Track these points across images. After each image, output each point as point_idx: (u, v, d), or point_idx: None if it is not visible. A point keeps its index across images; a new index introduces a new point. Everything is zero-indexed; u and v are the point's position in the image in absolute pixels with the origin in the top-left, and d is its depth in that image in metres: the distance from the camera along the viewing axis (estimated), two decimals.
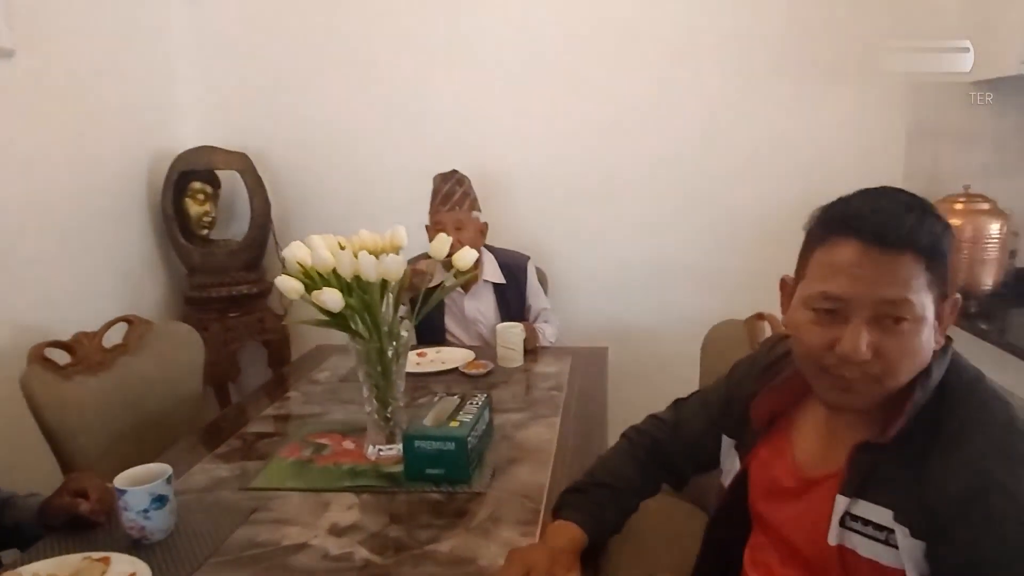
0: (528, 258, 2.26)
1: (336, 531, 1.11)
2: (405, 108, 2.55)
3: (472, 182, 2.21)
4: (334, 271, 1.20)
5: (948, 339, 0.83)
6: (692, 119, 2.45)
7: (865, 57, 2.31)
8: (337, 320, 1.23)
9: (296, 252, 1.22)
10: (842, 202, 0.82)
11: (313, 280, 1.22)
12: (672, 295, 2.55)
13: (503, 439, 1.45)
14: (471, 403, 1.37)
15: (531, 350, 2.01)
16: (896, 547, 0.77)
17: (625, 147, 2.50)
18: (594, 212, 2.56)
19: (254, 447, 1.45)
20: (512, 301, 2.19)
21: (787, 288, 0.90)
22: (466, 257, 1.36)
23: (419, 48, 2.50)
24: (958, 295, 0.83)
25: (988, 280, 2.12)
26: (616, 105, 2.47)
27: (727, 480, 1.02)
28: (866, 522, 0.80)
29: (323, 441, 1.44)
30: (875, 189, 0.82)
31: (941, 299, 0.79)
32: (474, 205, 2.15)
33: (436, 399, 1.41)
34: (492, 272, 2.19)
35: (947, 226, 0.79)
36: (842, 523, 0.82)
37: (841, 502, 0.82)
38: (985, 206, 2.11)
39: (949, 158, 2.29)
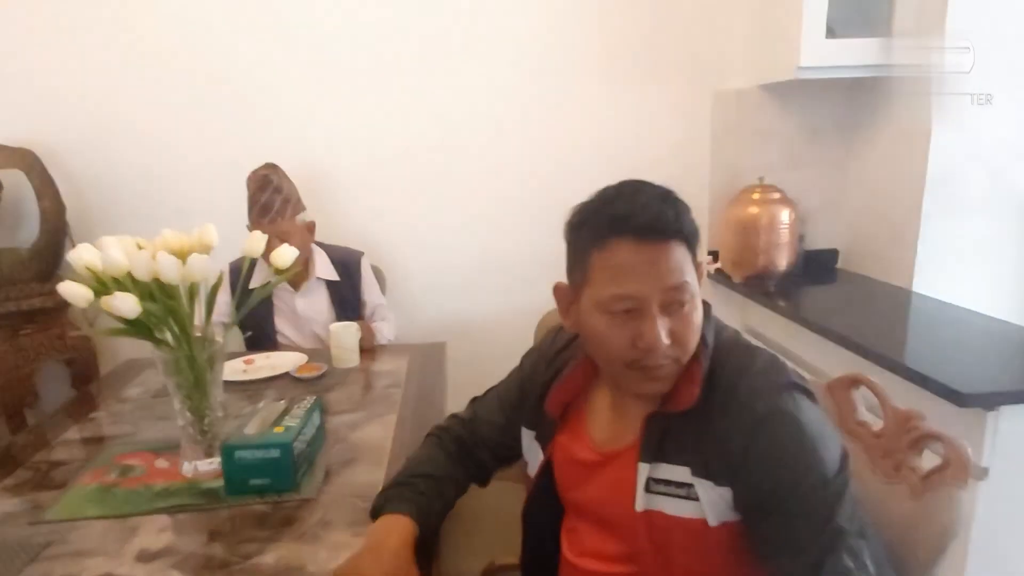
0: (362, 254, 2.21)
1: (145, 557, 1.01)
2: (230, 100, 2.38)
3: (301, 178, 2.12)
4: (130, 275, 1.09)
5: (707, 304, 0.90)
6: (518, 119, 2.51)
7: (673, 63, 2.50)
8: (137, 328, 1.12)
9: (83, 255, 1.10)
10: (604, 204, 0.85)
11: (106, 286, 1.10)
12: (508, 287, 2.61)
13: (337, 442, 1.40)
14: (298, 407, 1.31)
15: (368, 349, 1.97)
16: (698, 499, 0.83)
17: (457, 145, 2.51)
18: (430, 209, 2.55)
19: (50, 476, 1.28)
20: (347, 298, 2.13)
21: (565, 294, 0.92)
22: (283, 255, 1.30)
23: (240, 37, 2.35)
24: (700, 260, 0.88)
25: (783, 262, 2.38)
26: (448, 104, 2.47)
27: (533, 470, 1.04)
28: (668, 483, 0.85)
29: (132, 462, 1.31)
30: (627, 186, 0.87)
31: (697, 270, 0.86)
32: (297, 209, 2.05)
33: (260, 406, 1.33)
34: (324, 269, 2.12)
35: (685, 204, 0.86)
36: (647, 488, 0.87)
37: (643, 469, 0.87)
38: (777, 195, 2.36)
39: (747, 154, 2.54)
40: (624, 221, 0.81)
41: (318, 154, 2.44)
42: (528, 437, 1.05)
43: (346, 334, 1.83)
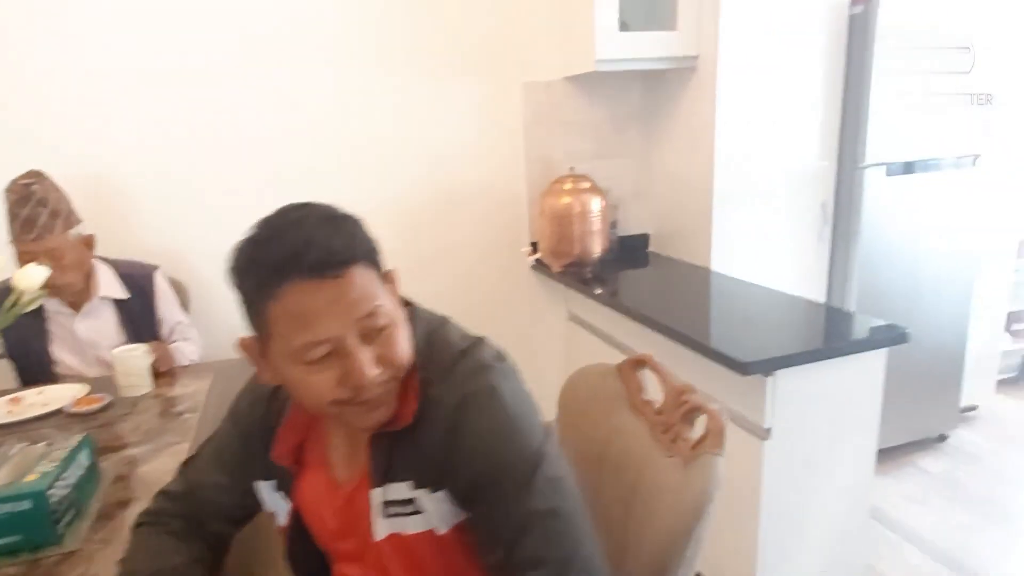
0: (156, 268, 2.01)
1: None
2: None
3: (81, 186, 1.88)
4: None
5: (410, 306, 0.88)
6: (328, 118, 2.39)
7: (481, 56, 2.50)
8: None
9: None
10: (266, 245, 0.75)
11: None
12: None
13: (117, 480, 1.25)
14: (59, 448, 1.15)
15: (166, 372, 1.79)
16: (423, 512, 0.81)
17: (263, 146, 2.36)
18: (237, 214, 2.36)
19: None
20: (139, 317, 1.92)
21: (252, 349, 0.82)
22: (31, 276, 1.13)
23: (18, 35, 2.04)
24: (392, 269, 0.84)
25: (597, 249, 2.48)
26: (250, 103, 2.31)
27: (282, 521, 0.95)
28: (399, 502, 0.82)
29: None
30: (287, 218, 0.76)
31: (387, 282, 0.81)
32: (69, 223, 1.81)
33: (12, 452, 1.16)
34: (110, 286, 1.90)
35: (355, 219, 0.79)
36: (384, 514, 0.83)
37: (376, 495, 0.83)
38: (587, 185, 2.45)
39: (559, 144, 2.62)
40: (292, 263, 0.72)
41: (105, 159, 2.18)
42: (267, 489, 0.94)
43: (131, 358, 1.65)
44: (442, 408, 0.79)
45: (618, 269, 2.54)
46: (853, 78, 2.34)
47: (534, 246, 2.63)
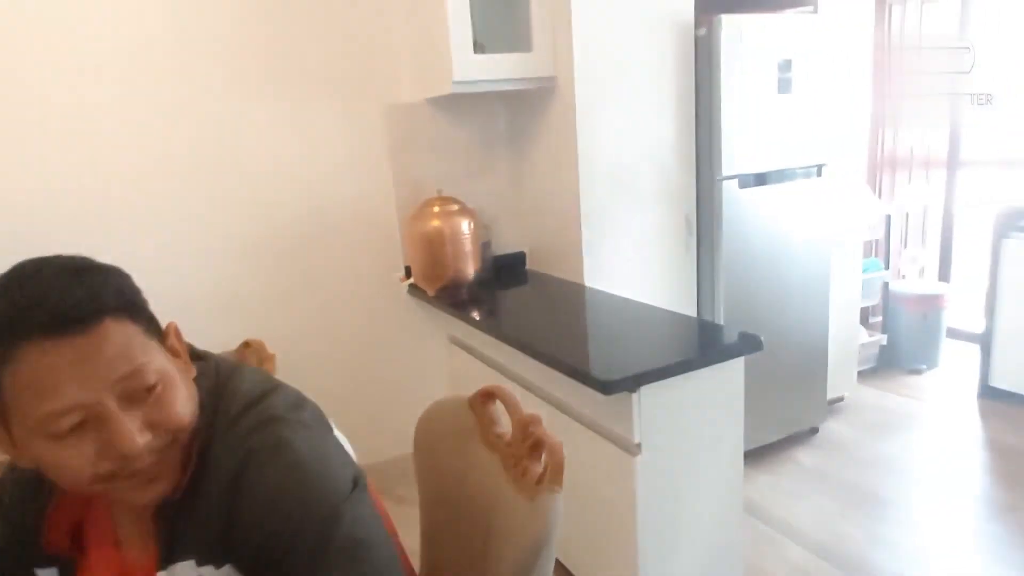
0: None
1: None
2: None
3: None
4: None
5: (201, 357, 0.80)
6: (190, 141, 2.25)
7: (343, 79, 2.43)
8: None
9: None
10: None
11: None
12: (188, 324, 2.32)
13: None
14: None
15: None
16: None
17: (118, 175, 2.17)
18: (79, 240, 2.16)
19: None
20: None
21: None
22: None
23: None
24: (171, 322, 0.77)
25: (470, 271, 2.44)
26: (103, 128, 2.12)
27: None
28: None
29: None
30: (20, 274, 0.67)
31: (162, 337, 0.73)
32: None
33: None
34: None
35: (109, 269, 0.71)
36: None
37: None
38: (456, 207, 2.42)
39: (426, 167, 2.57)
40: (24, 321, 0.63)
41: None
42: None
43: None
44: (222, 469, 0.70)
45: (494, 289, 2.51)
46: (703, 95, 2.44)
47: (407, 270, 2.56)
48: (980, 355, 3.27)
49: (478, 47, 2.23)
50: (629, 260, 2.45)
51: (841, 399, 3.28)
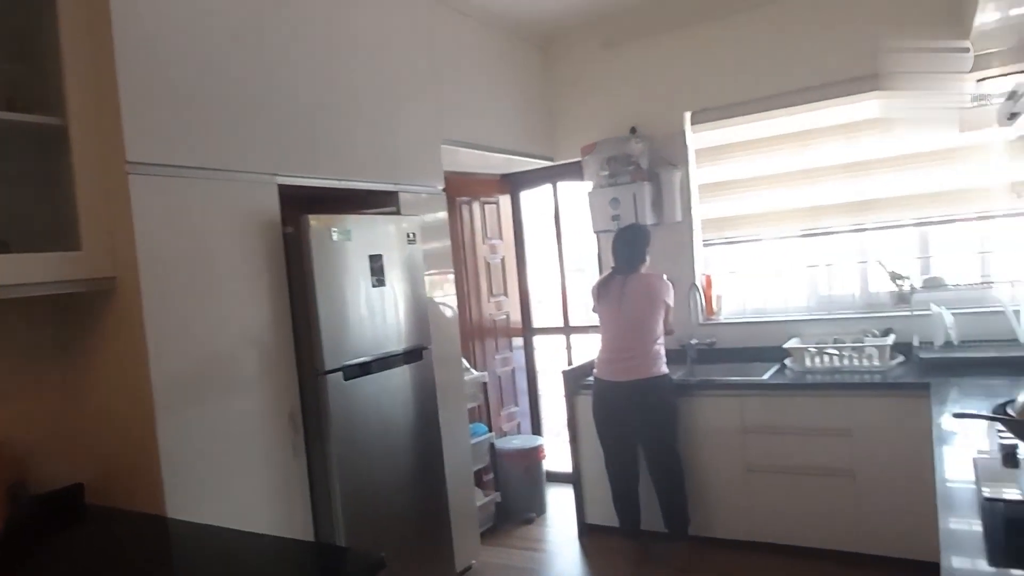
0: None
1: None
2: None
3: None
4: None
5: None
6: None
7: None
8: None
9: None
10: None
11: None
12: None
13: None
14: None
15: None
16: None
17: None
18: None
19: None
20: None
21: None
22: None
23: None
24: None
25: None
26: None
27: None
28: None
29: None
30: None
31: None
32: None
33: None
34: None
35: None
36: None
37: None
38: None
39: None
40: None
41: None
42: None
43: None
44: None
45: (31, 544, 1.88)
46: (298, 290, 2.37)
47: None
48: (574, 497, 3.67)
49: (2, 246, 1.79)
50: (227, 476, 2.12)
51: (470, 567, 3.30)
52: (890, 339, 3.16)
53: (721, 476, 3.25)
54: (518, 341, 4.53)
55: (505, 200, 4.48)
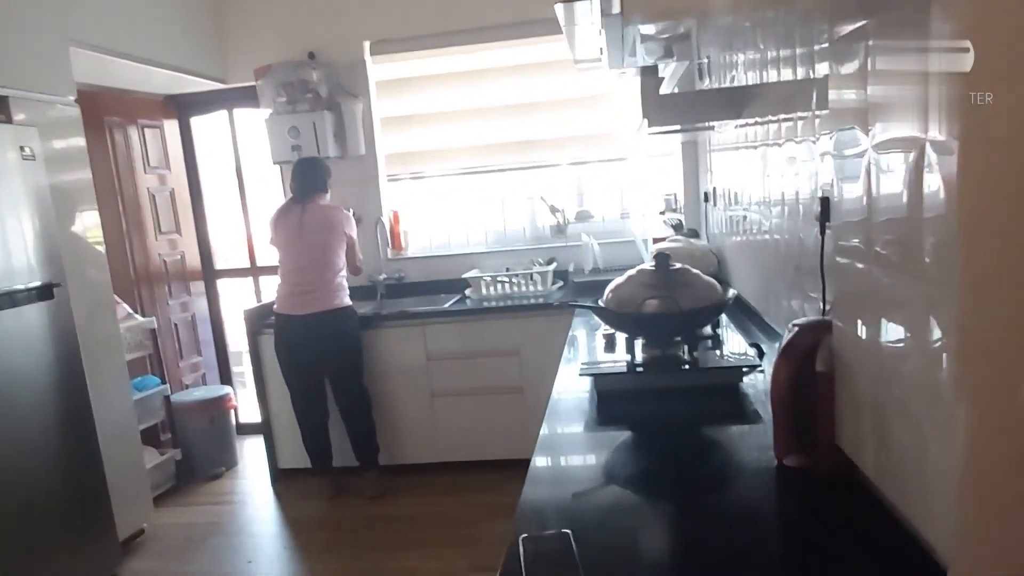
0: None
1: None
2: None
3: None
4: None
5: None
6: None
7: None
8: None
9: None
10: None
11: None
12: None
13: None
14: None
15: None
16: None
17: None
18: None
19: None
20: None
21: None
22: None
23: None
24: None
25: None
26: None
27: None
28: None
29: None
30: None
31: None
32: None
33: None
34: None
35: None
36: None
37: None
38: None
39: None
40: None
41: None
42: None
43: None
44: None
45: None
46: None
47: None
48: (265, 444, 3.51)
49: None
50: None
51: (142, 532, 2.99)
52: (552, 267, 3.54)
53: (408, 405, 3.37)
54: (200, 287, 4.13)
55: (172, 125, 3.98)
